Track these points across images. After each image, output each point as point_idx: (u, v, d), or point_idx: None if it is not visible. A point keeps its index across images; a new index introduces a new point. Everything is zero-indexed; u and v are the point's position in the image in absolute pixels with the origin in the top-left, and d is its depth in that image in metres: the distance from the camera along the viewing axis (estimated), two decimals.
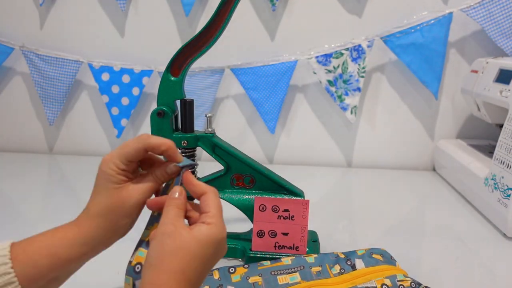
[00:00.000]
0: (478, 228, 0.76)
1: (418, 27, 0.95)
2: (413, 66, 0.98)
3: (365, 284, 0.51)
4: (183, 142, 0.61)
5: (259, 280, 0.51)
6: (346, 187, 1.00)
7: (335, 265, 0.54)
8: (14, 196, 0.87)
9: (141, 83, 1.05)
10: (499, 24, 0.93)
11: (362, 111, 1.08)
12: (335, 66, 0.99)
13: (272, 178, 0.63)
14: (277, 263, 0.54)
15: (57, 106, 1.08)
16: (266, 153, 1.13)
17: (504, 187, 0.72)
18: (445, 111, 1.06)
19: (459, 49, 1.02)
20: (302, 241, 0.61)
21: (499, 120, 0.90)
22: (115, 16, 1.06)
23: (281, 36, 1.04)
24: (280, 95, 1.02)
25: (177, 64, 0.59)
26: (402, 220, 0.80)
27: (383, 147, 1.10)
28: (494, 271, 0.64)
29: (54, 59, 1.04)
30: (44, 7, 1.07)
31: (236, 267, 0.53)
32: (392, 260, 0.55)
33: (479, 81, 0.89)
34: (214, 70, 1.03)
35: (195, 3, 1.02)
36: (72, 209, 0.43)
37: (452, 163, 0.95)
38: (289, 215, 0.60)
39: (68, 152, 1.16)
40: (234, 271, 0.53)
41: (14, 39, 1.06)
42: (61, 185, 0.94)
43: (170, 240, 0.37)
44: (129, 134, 1.13)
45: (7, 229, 0.72)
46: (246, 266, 0.53)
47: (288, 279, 0.52)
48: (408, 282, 0.51)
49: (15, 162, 1.08)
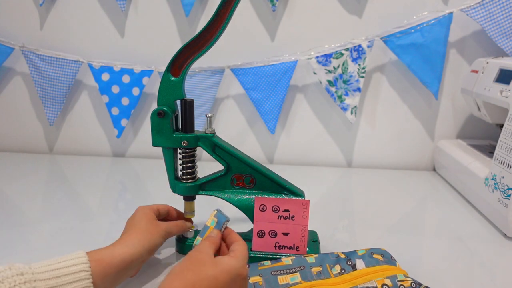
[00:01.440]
0: (478, 228, 0.76)
1: (418, 27, 0.95)
2: (413, 66, 0.98)
3: (365, 284, 0.51)
4: (183, 142, 0.61)
5: (259, 280, 0.51)
6: (346, 187, 1.00)
7: (335, 265, 0.54)
8: (14, 196, 0.87)
9: (141, 83, 1.05)
10: (499, 24, 0.93)
11: (362, 111, 1.08)
12: (335, 66, 0.99)
13: (272, 178, 0.63)
14: (278, 263, 0.54)
15: (57, 106, 1.08)
16: (266, 153, 1.13)
17: (504, 187, 0.72)
18: (445, 111, 1.07)
19: (459, 49, 1.02)
20: (302, 241, 0.61)
21: (499, 120, 0.90)
22: (115, 16, 1.06)
23: (281, 36, 1.04)
24: (280, 95, 1.02)
25: (177, 64, 0.60)
26: (402, 220, 0.80)
27: (383, 147, 1.10)
28: (494, 271, 0.64)
29: (54, 59, 1.04)
30: (44, 7, 1.07)
31: None
32: (392, 260, 0.55)
33: (479, 81, 0.89)
34: (214, 70, 1.03)
35: (195, 3, 1.02)
36: (72, 209, 0.43)
37: (452, 163, 0.95)
38: (289, 215, 0.60)
39: (68, 152, 1.16)
40: None
41: (14, 39, 1.06)
42: (61, 185, 0.94)
43: (195, 253, 0.45)
44: (129, 134, 1.14)
45: (7, 229, 0.72)
46: (247, 266, 0.53)
47: (288, 279, 0.52)
48: (409, 282, 0.51)
49: (15, 162, 1.08)
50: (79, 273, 0.44)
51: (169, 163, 0.63)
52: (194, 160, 0.63)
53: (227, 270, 0.44)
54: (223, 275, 0.43)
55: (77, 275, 0.44)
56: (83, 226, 0.75)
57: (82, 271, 0.44)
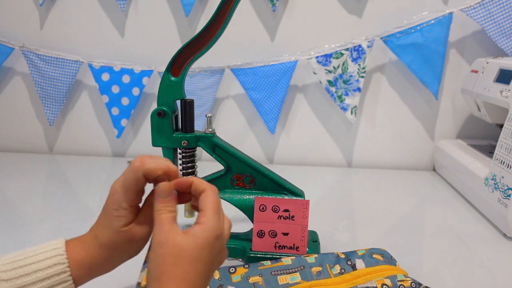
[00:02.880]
0: (478, 228, 0.76)
1: (418, 27, 0.95)
2: (413, 66, 0.98)
3: (365, 284, 0.51)
4: (183, 142, 0.61)
5: (259, 280, 0.51)
6: (346, 187, 1.00)
7: (335, 265, 0.54)
8: (14, 196, 0.87)
9: (141, 83, 1.05)
10: (499, 24, 0.93)
11: (362, 111, 1.08)
12: (335, 66, 0.99)
13: (272, 178, 0.63)
14: (278, 263, 0.54)
15: (57, 106, 1.08)
16: (266, 153, 1.13)
17: (504, 187, 0.72)
18: (445, 111, 1.07)
19: (459, 49, 1.02)
20: (302, 241, 0.61)
21: (499, 120, 0.90)
22: (115, 16, 1.06)
23: (281, 36, 1.04)
24: (280, 95, 1.02)
25: (177, 64, 0.60)
26: (402, 220, 0.80)
27: (383, 147, 1.10)
28: (494, 271, 0.64)
29: (54, 59, 1.04)
30: (44, 7, 1.07)
31: (236, 267, 0.53)
32: (392, 260, 0.55)
33: (479, 81, 0.89)
34: (214, 70, 1.03)
35: (195, 3, 1.02)
36: (72, 209, 0.43)
37: (452, 163, 0.95)
38: (289, 215, 0.60)
39: (68, 152, 1.16)
40: (234, 271, 0.53)
41: (14, 39, 1.06)
42: (61, 185, 0.94)
43: (166, 249, 0.37)
44: (129, 134, 1.14)
45: (7, 229, 0.72)
46: (247, 266, 0.53)
47: (288, 279, 0.52)
48: (409, 282, 0.51)
49: (15, 162, 1.08)
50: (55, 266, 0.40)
51: None
52: (194, 160, 0.63)
53: (207, 243, 0.38)
54: (206, 250, 0.38)
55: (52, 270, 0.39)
56: (83, 226, 0.74)
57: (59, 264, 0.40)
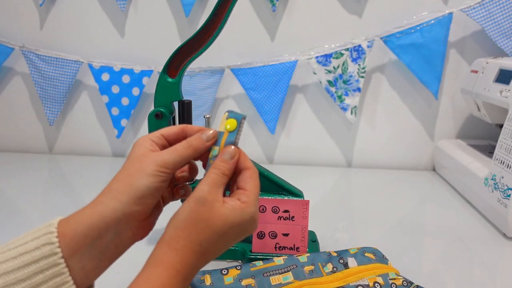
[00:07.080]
0: (478, 228, 0.76)
1: (418, 27, 0.95)
2: (413, 66, 0.98)
3: (357, 282, 0.51)
4: None
5: (252, 283, 0.51)
6: (346, 187, 1.00)
7: (327, 263, 0.53)
8: (14, 196, 0.87)
9: (141, 83, 1.05)
10: (499, 24, 0.93)
11: (362, 111, 1.07)
12: (335, 66, 0.99)
13: (272, 179, 0.63)
14: (270, 263, 0.54)
15: (57, 106, 1.08)
16: (266, 153, 1.13)
17: (504, 187, 0.72)
18: (445, 111, 1.06)
19: (459, 49, 1.02)
20: (302, 242, 0.61)
21: (499, 120, 0.90)
22: (115, 16, 1.06)
23: (281, 36, 1.04)
24: (280, 95, 1.02)
25: (174, 65, 0.59)
26: (402, 220, 0.80)
27: (383, 147, 1.10)
28: (494, 271, 0.64)
29: (54, 59, 1.04)
30: (44, 7, 1.07)
31: (228, 268, 0.53)
32: (384, 259, 0.55)
33: (479, 81, 0.89)
34: (214, 70, 1.03)
35: (195, 3, 1.02)
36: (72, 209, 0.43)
37: (452, 163, 0.95)
38: (289, 216, 0.60)
39: (68, 152, 1.16)
40: (226, 272, 0.52)
41: (14, 39, 1.06)
42: (61, 185, 0.94)
43: (200, 209, 0.36)
44: (129, 134, 1.14)
45: (7, 229, 0.72)
46: (239, 268, 0.53)
47: (281, 279, 0.51)
48: (400, 280, 0.52)
49: (15, 162, 1.08)
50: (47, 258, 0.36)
51: None
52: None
53: (241, 222, 0.37)
54: (236, 228, 0.37)
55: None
56: None
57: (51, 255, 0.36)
